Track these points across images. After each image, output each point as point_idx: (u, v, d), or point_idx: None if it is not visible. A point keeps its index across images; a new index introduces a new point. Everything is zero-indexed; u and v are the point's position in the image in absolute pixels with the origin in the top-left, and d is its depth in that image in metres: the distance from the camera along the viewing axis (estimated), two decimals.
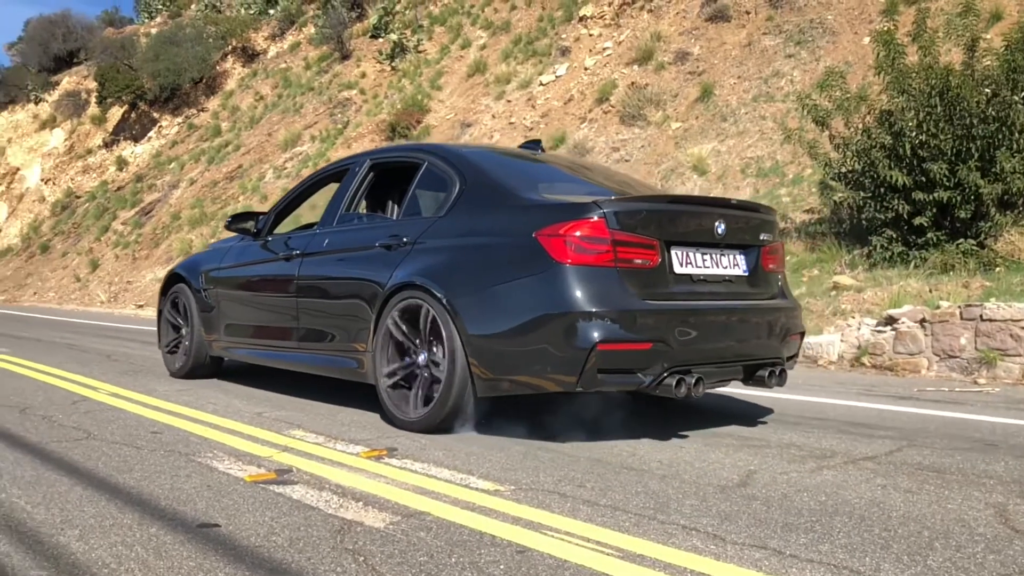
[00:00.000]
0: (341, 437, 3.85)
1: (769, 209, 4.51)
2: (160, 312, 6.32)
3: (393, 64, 22.66)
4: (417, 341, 4.07)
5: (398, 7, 24.69)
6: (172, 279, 6.27)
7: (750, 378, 4.09)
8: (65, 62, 37.24)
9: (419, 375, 4.07)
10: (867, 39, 12.13)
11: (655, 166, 13.24)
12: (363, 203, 5.24)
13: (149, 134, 29.97)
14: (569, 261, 3.60)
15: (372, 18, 24.93)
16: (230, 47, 29.91)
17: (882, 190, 8.45)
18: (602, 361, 3.54)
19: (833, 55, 12.94)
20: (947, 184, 7.95)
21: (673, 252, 3.84)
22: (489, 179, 4.27)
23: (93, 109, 32.66)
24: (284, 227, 5.80)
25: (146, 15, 38.73)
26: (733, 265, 4.13)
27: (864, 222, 8.87)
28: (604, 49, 16.98)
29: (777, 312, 4.23)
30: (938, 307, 6.35)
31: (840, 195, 9.11)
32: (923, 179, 8.11)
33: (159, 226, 23.32)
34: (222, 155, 24.75)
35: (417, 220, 4.50)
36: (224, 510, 2.68)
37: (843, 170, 9.01)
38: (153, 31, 33.04)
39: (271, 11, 30.96)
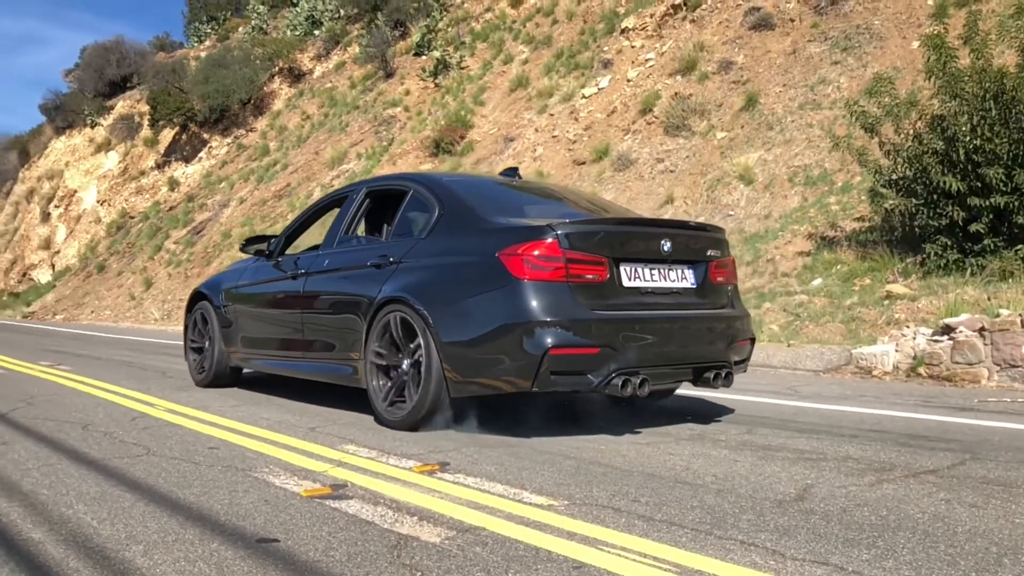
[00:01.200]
0: (393, 452, 3.88)
1: (716, 228, 5.00)
2: (186, 327, 6.93)
3: (436, 81, 22.90)
4: (411, 345, 4.49)
5: (440, 25, 24.96)
6: (196, 297, 6.86)
7: (698, 379, 4.49)
8: (119, 87, 38.35)
9: (403, 377, 4.56)
10: (916, 43, 11.92)
11: (700, 176, 13.15)
12: (362, 225, 5.72)
13: (200, 155, 30.66)
14: (526, 277, 4.07)
15: (415, 36, 25.23)
16: (277, 68, 30.51)
17: (935, 196, 8.28)
18: (554, 364, 4.00)
19: (881, 61, 12.74)
20: (1004, 189, 7.77)
21: (622, 268, 4.28)
22: (463, 205, 4.76)
23: (146, 132, 33.55)
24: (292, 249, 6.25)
25: (195, 39, 39.75)
26: (681, 278, 4.55)
27: (917, 229, 8.70)
28: (646, 60, 16.94)
29: (724, 320, 4.65)
30: (998, 315, 6.18)
31: (891, 202, 8.95)
32: (978, 184, 7.93)
33: (210, 244, 23.82)
34: (271, 174, 25.21)
35: (403, 241, 4.95)
36: (282, 525, 2.71)
37: (894, 177, 8.85)
38: (202, 54, 33.88)
39: (316, 32, 31.53)
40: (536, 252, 4.08)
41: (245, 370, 6.59)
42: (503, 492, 3.10)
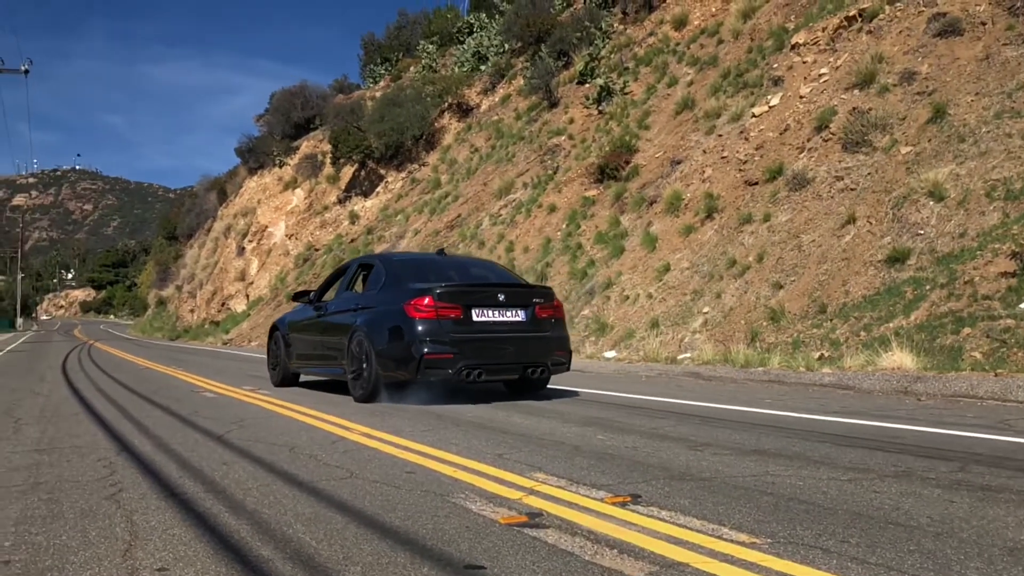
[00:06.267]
0: (583, 481, 3.91)
1: (543, 287, 8.58)
2: (268, 348, 10.54)
3: (600, 108, 23.04)
4: (364, 354, 7.74)
5: (603, 52, 25.12)
6: (273, 328, 10.44)
7: (523, 374, 7.55)
8: (303, 128, 41.24)
9: (362, 371, 7.76)
10: None
11: (884, 194, 12.43)
12: (358, 284, 9.01)
13: (377, 189, 32.36)
14: (415, 316, 7.29)
15: (578, 65, 25.54)
16: (446, 104, 31.77)
17: None
18: (427, 364, 7.21)
19: None
20: None
21: (473, 310, 7.41)
22: (396, 274, 8.19)
23: (328, 169, 35.82)
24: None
25: (371, 80, 42.13)
26: (515, 315, 7.62)
27: None
28: (820, 75, 16.28)
29: (543, 339, 7.70)
30: None
31: None
32: None
33: None
34: (442, 206, 26.18)
35: (368, 295, 8.31)
36: (486, 552, 2.79)
37: None
38: (377, 94, 35.84)
39: (482, 67, 32.61)
40: (424, 302, 7.30)
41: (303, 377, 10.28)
42: (700, 527, 3.04)
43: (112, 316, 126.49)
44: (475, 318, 7.33)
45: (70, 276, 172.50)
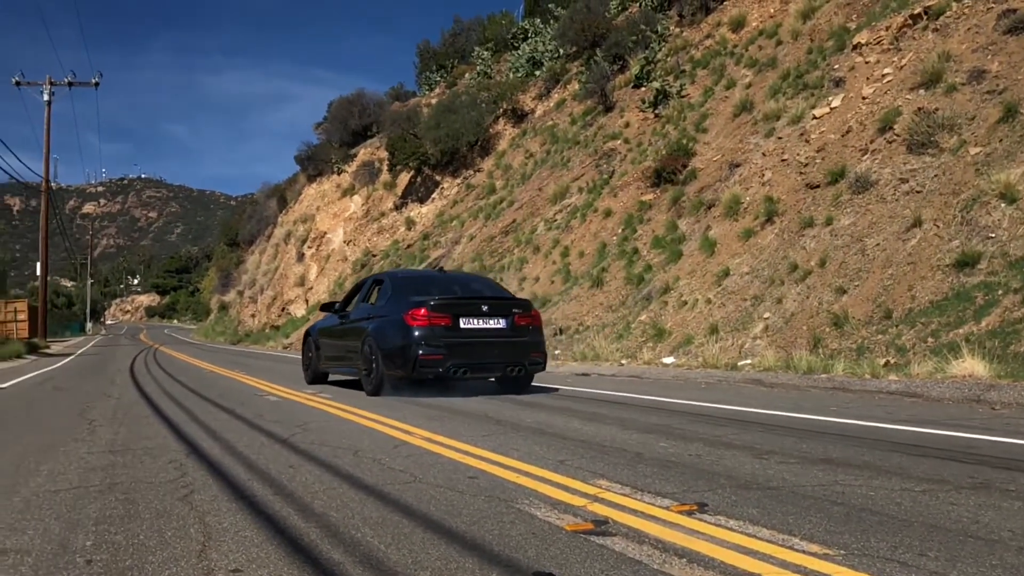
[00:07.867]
0: (647, 489, 3.88)
1: (523, 300, 9.86)
2: (302, 351, 12.25)
3: (656, 111, 22.87)
4: (373, 355, 9.20)
5: (659, 55, 24.93)
6: (306, 334, 12.19)
7: (503, 373, 9.02)
8: (361, 136, 41.80)
9: (372, 369, 9.21)
10: None
11: (952, 196, 12.08)
12: (373, 296, 10.43)
13: (432, 195, 32.63)
14: (412, 324, 8.71)
15: (634, 68, 25.39)
16: (501, 110, 31.89)
17: None
18: (421, 363, 8.63)
19: None
20: None
21: (460, 319, 8.80)
22: (399, 289, 9.69)
23: (385, 176, 36.25)
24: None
25: (427, 87, 42.52)
26: (497, 323, 8.98)
27: None
28: (883, 75, 15.91)
29: (521, 343, 9.06)
30: None
31: None
32: None
33: None
34: (497, 211, 26.27)
35: (378, 306, 9.80)
36: (554, 559, 2.79)
37: None
38: (433, 101, 36.15)
39: (537, 72, 32.65)
40: (421, 312, 8.72)
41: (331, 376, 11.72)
42: (770, 538, 2.99)
43: (176, 321, 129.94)
44: (462, 325, 8.79)
45: (136, 282, 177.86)
